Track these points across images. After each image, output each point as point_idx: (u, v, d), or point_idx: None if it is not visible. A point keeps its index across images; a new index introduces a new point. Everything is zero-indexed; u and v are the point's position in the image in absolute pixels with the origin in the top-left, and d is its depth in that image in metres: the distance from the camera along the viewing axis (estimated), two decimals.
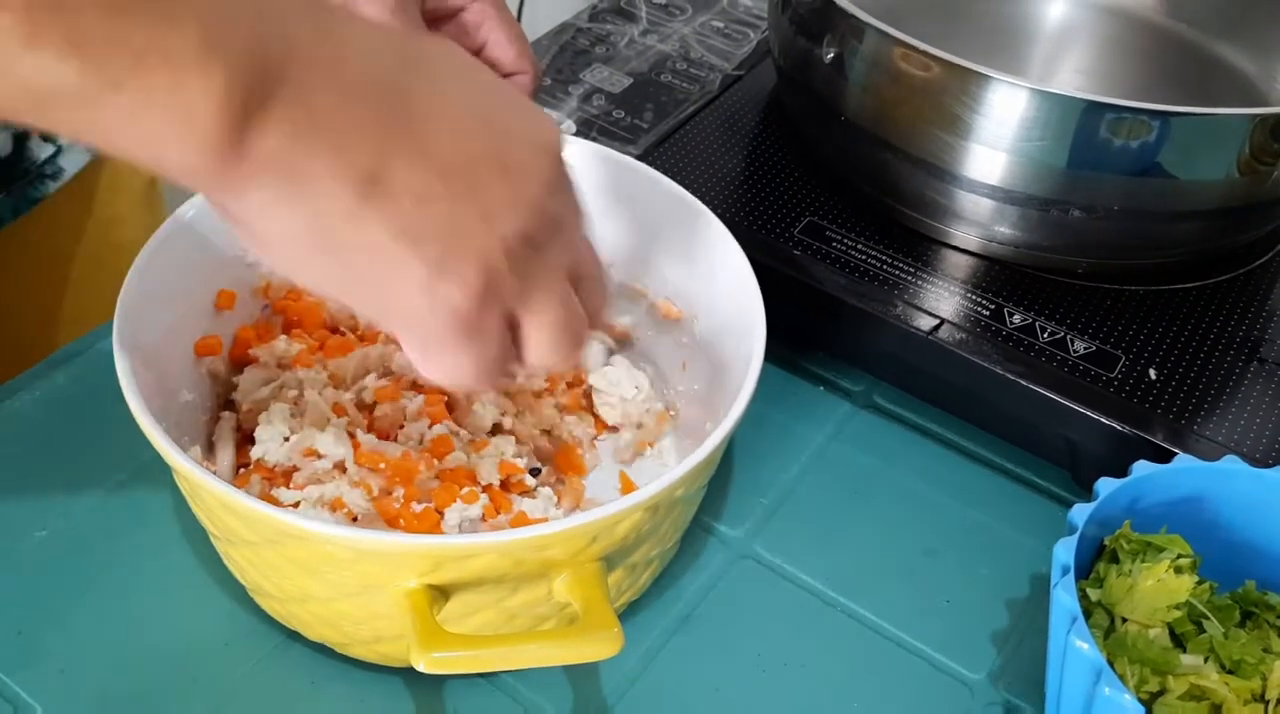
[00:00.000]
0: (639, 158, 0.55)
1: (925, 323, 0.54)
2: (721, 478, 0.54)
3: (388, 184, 0.32)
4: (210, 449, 0.48)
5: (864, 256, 0.57)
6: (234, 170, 0.31)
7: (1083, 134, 0.51)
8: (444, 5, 0.55)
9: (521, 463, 0.48)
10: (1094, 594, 0.43)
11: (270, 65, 0.30)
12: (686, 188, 0.51)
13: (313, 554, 0.39)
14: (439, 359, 0.35)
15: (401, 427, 0.48)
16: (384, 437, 0.48)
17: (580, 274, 0.39)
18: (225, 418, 0.49)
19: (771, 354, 0.45)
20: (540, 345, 0.37)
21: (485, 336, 0.35)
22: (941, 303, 0.55)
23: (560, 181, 0.36)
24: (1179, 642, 0.43)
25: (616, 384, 0.52)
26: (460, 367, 0.35)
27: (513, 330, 0.36)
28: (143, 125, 0.29)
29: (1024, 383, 0.52)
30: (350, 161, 0.32)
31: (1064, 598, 0.40)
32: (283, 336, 0.51)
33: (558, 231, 0.36)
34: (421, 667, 0.36)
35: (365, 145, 0.32)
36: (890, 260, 0.57)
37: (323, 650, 0.46)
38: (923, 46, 0.52)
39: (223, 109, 0.30)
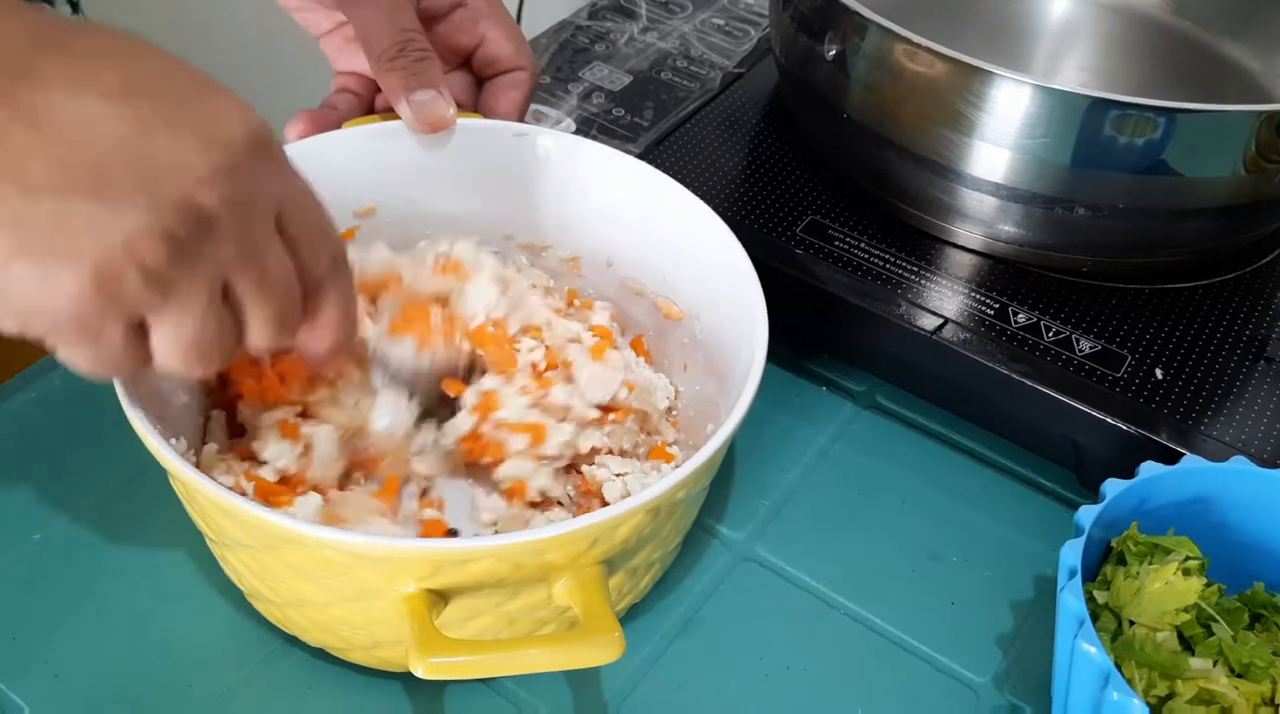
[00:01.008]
0: (639, 156, 0.54)
1: (929, 322, 0.54)
2: (723, 479, 0.53)
3: (15, 179, 0.30)
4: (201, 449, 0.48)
5: (867, 255, 0.57)
6: None
7: (1087, 131, 0.51)
8: (440, 3, 0.55)
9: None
10: (1101, 597, 0.43)
11: None
12: (687, 186, 0.51)
13: (310, 559, 0.38)
14: (61, 352, 0.33)
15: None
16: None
17: (263, 276, 0.35)
18: (215, 416, 0.48)
19: (773, 354, 0.45)
20: (165, 357, 0.34)
21: (102, 340, 0.33)
22: (945, 302, 0.55)
23: (235, 175, 0.33)
24: (1187, 645, 0.43)
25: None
26: (79, 362, 0.34)
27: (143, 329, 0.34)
28: None
29: (1029, 383, 0.51)
30: None
31: (1071, 601, 0.39)
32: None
33: (219, 234, 0.33)
34: (420, 672, 0.36)
35: None
36: (893, 259, 0.57)
37: (320, 655, 0.45)
38: (926, 43, 0.52)
39: None
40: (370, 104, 0.57)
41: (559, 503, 0.48)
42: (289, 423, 0.46)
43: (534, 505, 0.48)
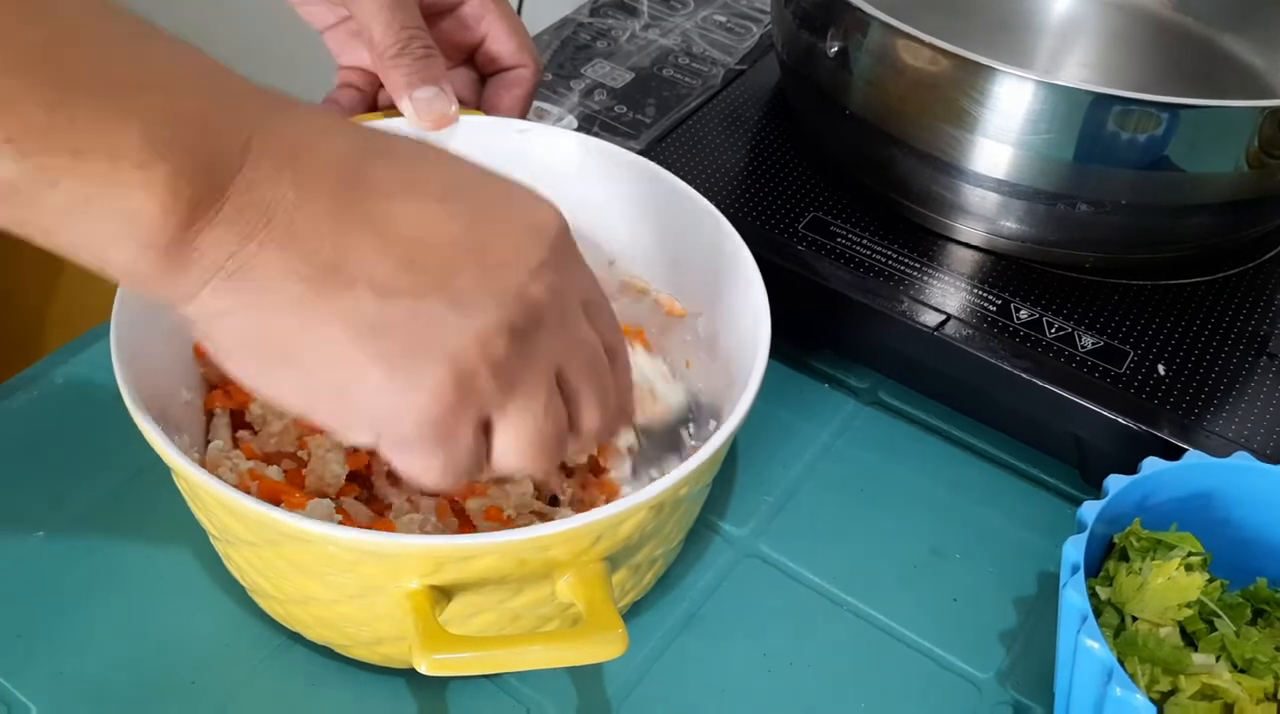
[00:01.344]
0: (641, 153, 0.54)
1: (931, 319, 0.54)
2: (726, 476, 0.54)
3: (346, 278, 0.30)
4: (205, 447, 0.48)
5: (869, 252, 0.57)
6: (181, 272, 0.29)
7: (1090, 127, 0.51)
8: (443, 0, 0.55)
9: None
10: (1104, 593, 0.43)
11: (219, 161, 0.29)
12: (689, 183, 0.51)
13: (313, 555, 0.38)
14: (407, 462, 0.33)
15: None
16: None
17: (590, 362, 0.35)
18: (219, 414, 0.48)
19: (775, 351, 0.45)
20: (508, 455, 0.34)
21: (455, 443, 0.32)
22: (947, 298, 0.55)
23: (555, 265, 0.33)
24: (1190, 640, 0.43)
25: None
26: (429, 471, 0.33)
27: (486, 431, 0.33)
28: (81, 226, 0.28)
29: (1031, 379, 0.51)
30: (304, 256, 0.30)
31: (1074, 597, 0.39)
32: None
33: (549, 323, 0.33)
34: (424, 669, 0.36)
35: (321, 239, 0.30)
36: (896, 255, 0.57)
37: (324, 652, 0.45)
38: (928, 39, 0.52)
39: (166, 209, 0.28)
40: (373, 100, 0.57)
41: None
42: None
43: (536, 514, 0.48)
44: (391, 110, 0.53)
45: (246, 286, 0.30)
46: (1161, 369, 0.52)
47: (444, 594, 0.38)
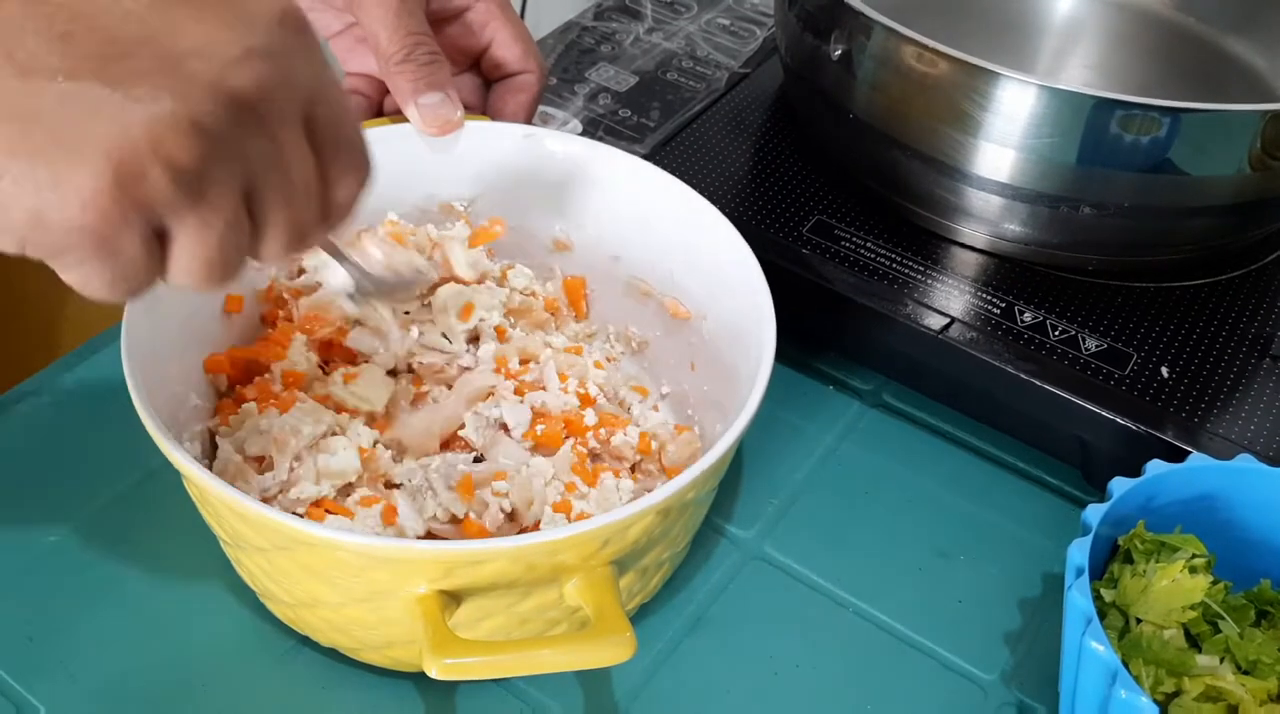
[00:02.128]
0: (645, 157, 0.54)
1: (935, 322, 0.54)
2: (732, 479, 0.54)
3: (7, 57, 0.26)
4: (214, 451, 0.48)
5: (873, 255, 0.57)
6: None
7: (1093, 131, 0.51)
8: (449, 5, 0.55)
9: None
10: (1108, 595, 0.43)
11: None
12: (694, 187, 0.51)
13: (323, 560, 0.39)
14: (64, 270, 0.28)
15: None
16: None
17: (290, 185, 0.30)
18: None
19: (780, 354, 0.45)
20: (181, 271, 0.30)
21: (119, 255, 0.28)
22: (951, 301, 0.55)
23: (269, 57, 0.28)
24: (1194, 642, 0.43)
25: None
26: (90, 284, 0.28)
27: (161, 240, 0.29)
28: None
29: (1035, 382, 0.51)
30: None
31: (1079, 599, 0.40)
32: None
33: (249, 125, 0.28)
34: (434, 673, 0.36)
35: None
36: (899, 259, 0.57)
37: (334, 656, 0.45)
38: (931, 43, 0.52)
39: None
40: (380, 106, 0.57)
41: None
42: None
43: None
44: (398, 116, 0.53)
45: None
46: (1165, 371, 0.52)
47: (453, 599, 0.38)
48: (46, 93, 0.26)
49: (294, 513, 0.44)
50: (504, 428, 0.48)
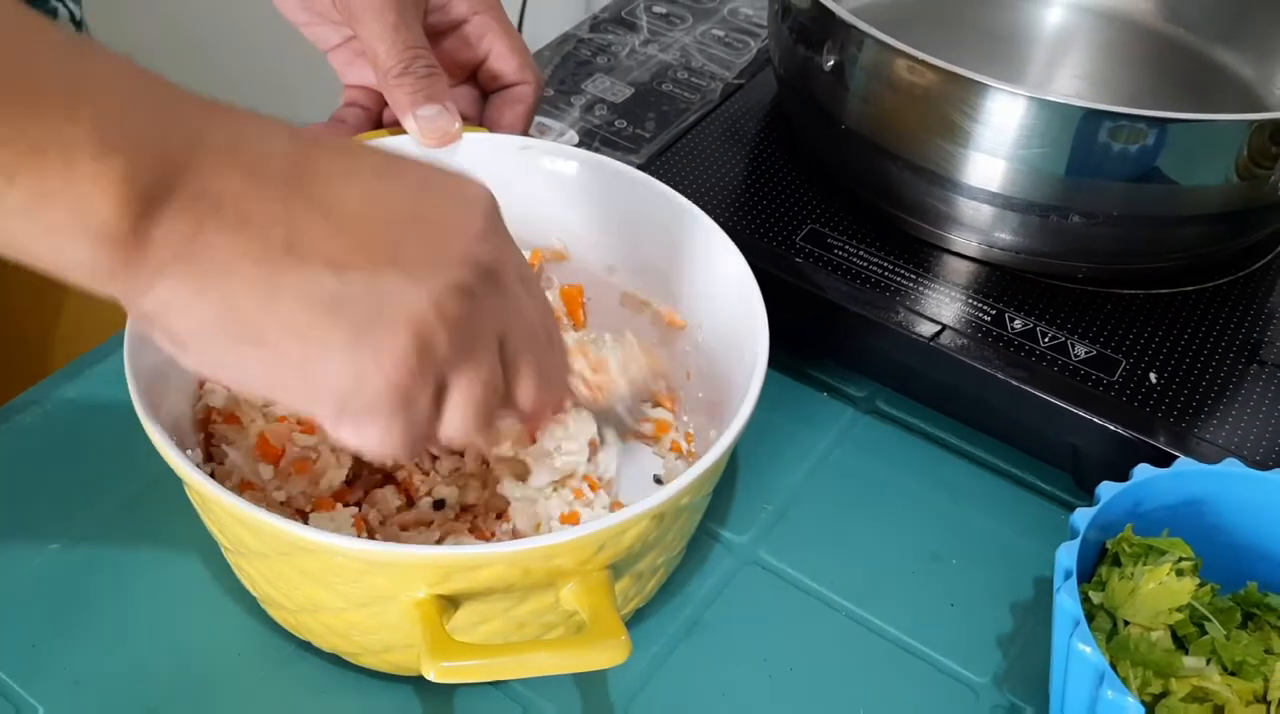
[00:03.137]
0: (641, 167, 0.55)
1: (927, 329, 0.54)
2: (726, 484, 0.54)
3: (299, 256, 0.31)
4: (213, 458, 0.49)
5: (865, 263, 0.58)
6: (139, 263, 0.30)
7: (1081, 141, 0.52)
8: (446, 18, 0.56)
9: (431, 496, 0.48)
10: (1096, 597, 0.44)
11: (169, 154, 0.30)
12: (688, 196, 0.52)
13: (323, 565, 0.39)
14: (366, 433, 0.33)
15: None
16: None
17: (530, 332, 0.36)
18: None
19: (775, 361, 0.46)
20: (454, 422, 0.34)
21: (414, 409, 0.33)
22: (943, 309, 0.56)
23: (493, 234, 0.35)
24: (1181, 644, 0.44)
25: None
26: (388, 441, 0.33)
27: (438, 399, 0.34)
28: (39, 222, 0.28)
29: (1025, 388, 0.52)
30: (257, 239, 0.30)
31: (1066, 602, 0.40)
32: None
33: (494, 288, 0.34)
34: (432, 676, 0.37)
35: (271, 220, 0.31)
36: (892, 267, 0.58)
37: (334, 660, 0.46)
38: (921, 55, 0.53)
39: (122, 200, 0.28)
40: (378, 118, 0.58)
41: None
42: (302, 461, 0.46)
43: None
44: (396, 128, 0.54)
45: (202, 272, 0.30)
46: (1153, 377, 0.53)
47: (451, 603, 0.39)
48: (356, 281, 0.31)
49: (297, 510, 0.45)
50: None
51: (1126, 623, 0.43)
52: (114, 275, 0.30)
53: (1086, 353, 0.54)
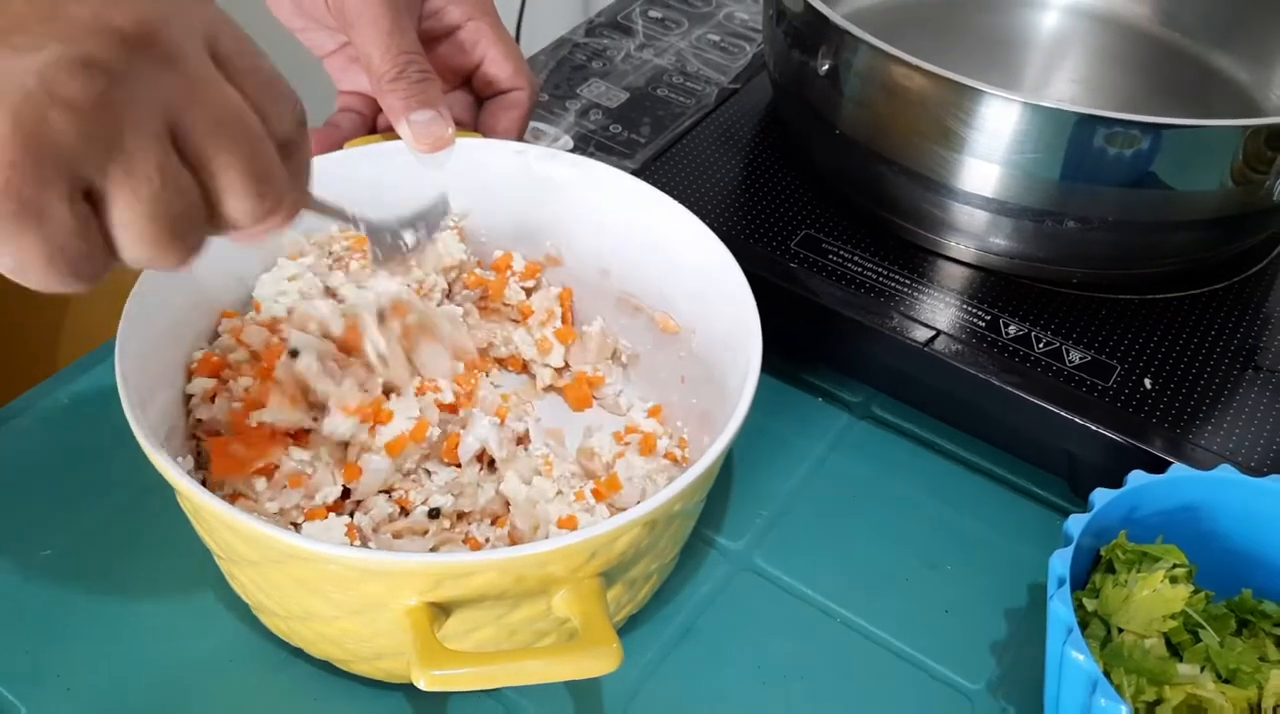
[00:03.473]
0: (636, 172, 0.55)
1: (921, 334, 0.54)
2: (721, 490, 0.54)
3: None
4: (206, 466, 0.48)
5: (860, 269, 0.58)
6: None
7: (1075, 147, 0.51)
8: (440, 24, 0.56)
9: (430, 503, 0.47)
10: (1090, 604, 0.44)
11: None
12: (683, 201, 0.52)
13: (315, 573, 0.39)
14: (4, 254, 0.27)
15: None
16: None
17: (222, 118, 0.29)
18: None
19: (770, 366, 0.46)
20: (130, 236, 0.28)
21: (47, 219, 0.26)
22: (937, 314, 0.56)
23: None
24: (1175, 651, 0.44)
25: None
26: (27, 262, 0.27)
27: (95, 206, 0.28)
28: None
29: (1020, 394, 0.52)
30: None
31: (1060, 609, 0.40)
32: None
33: (146, 62, 0.27)
34: (422, 685, 0.36)
35: None
36: (886, 272, 0.58)
37: (325, 668, 0.46)
38: (916, 61, 0.53)
39: None
40: (373, 123, 0.58)
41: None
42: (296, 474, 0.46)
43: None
44: (390, 133, 0.54)
45: None
46: (1148, 383, 0.53)
47: (443, 610, 0.39)
48: None
49: (290, 521, 0.45)
50: (522, 440, 0.50)
51: (1120, 630, 0.43)
52: None
53: (1081, 358, 0.54)
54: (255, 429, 0.46)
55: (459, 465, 0.48)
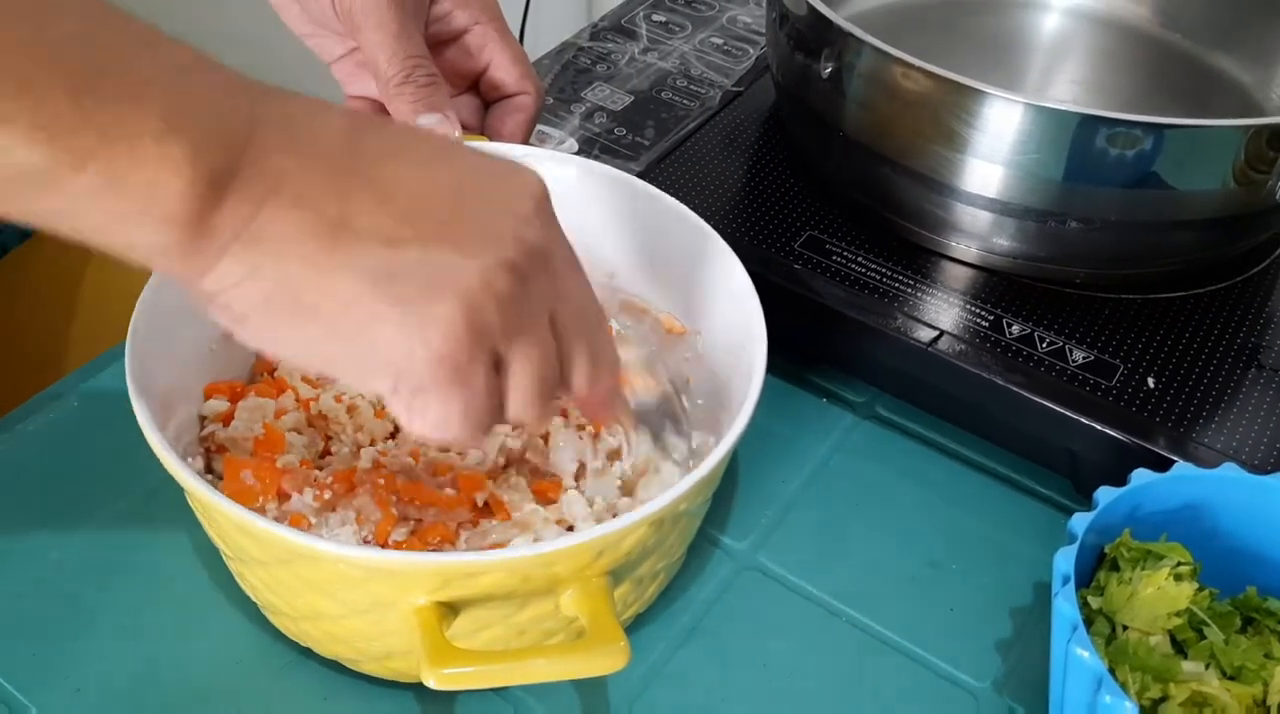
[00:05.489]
0: (640, 175, 0.55)
1: (925, 334, 0.55)
2: (726, 490, 0.55)
3: (354, 230, 0.32)
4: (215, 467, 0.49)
5: (864, 269, 0.58)
6: (203, 243, 0.31)
7: (1078, 147, 0.52)
8: (447, 28, 0.56)
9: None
10: (1095, 602, 0.44)
11: (230, 138, 0.31)
12: (688, 204, 0.52)
13: (324, 573, 0.40)
14: (425, 410, 0.34)
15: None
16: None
17: (580, 312, 0.37)
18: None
19: (774, 367, 0.46)
20: (518, 396, 0.35)
21: (472, 382, 0.34)
22: (941, 314, 0.56)
23: (542, 218, 0.36)
24: (1180, 649, 0.44)
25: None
26: (449, 418, 0.34)
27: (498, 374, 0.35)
28: (108, 207, 0.29)
29: (1023, 393, 0.52)
30: (312, 214, 0.32)
31: (1065, 607, 0.40)
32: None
33: (543, 269, 0.35)
34: (431, 683, 0.37)
35: (327, 198, 0.32)
36: (890, 273, 0.58)
37: (334, 667, 0.46)
38: (918, 63, 0.53)
39: (188, 184, 0.30)
40: None
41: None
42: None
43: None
44: None
45: (262, 249, 0.31)
46: (1151, 382, 0.53)
47: (451, 609, 0.39)
48: (408, 256, 0.32)
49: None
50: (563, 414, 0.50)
51: (1125, 628, 0.43)
52: (179, 257, 0.31)
53: (1084, 358, 0.54)
54: (268, 465, 0.46)
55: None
